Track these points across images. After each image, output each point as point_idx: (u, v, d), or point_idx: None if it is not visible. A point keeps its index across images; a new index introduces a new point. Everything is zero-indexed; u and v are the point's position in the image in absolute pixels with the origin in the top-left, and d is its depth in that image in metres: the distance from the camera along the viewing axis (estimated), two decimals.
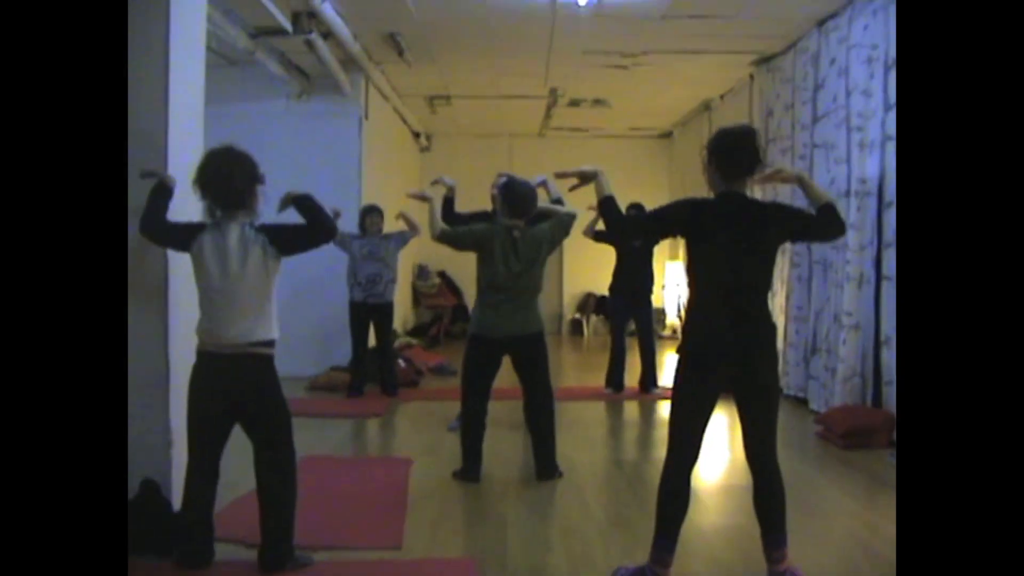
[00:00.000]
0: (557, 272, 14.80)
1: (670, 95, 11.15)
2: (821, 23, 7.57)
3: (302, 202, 3.70)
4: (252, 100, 9.27)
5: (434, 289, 13.60)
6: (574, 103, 11.68)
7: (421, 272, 13.66)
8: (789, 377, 8.00)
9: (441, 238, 5.17)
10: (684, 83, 10.40)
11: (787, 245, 8.19)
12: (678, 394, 3.53)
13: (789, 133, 8.32)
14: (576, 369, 10.87)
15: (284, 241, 3.64)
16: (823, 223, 3.51)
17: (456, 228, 5.30)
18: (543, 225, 5.23)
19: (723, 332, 3.41)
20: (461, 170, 13.52)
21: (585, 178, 3.71)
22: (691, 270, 3.59)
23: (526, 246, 5.12)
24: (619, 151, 14.20)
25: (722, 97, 11.00)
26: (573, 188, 3.82)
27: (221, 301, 3.55)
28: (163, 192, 3.78)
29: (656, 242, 8.31)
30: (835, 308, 7.06)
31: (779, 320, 8.32)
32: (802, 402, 7.66)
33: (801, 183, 3.59)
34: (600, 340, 12.93)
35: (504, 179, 5.45)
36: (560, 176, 3.85)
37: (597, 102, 11.61)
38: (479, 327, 5.20)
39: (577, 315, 14.57)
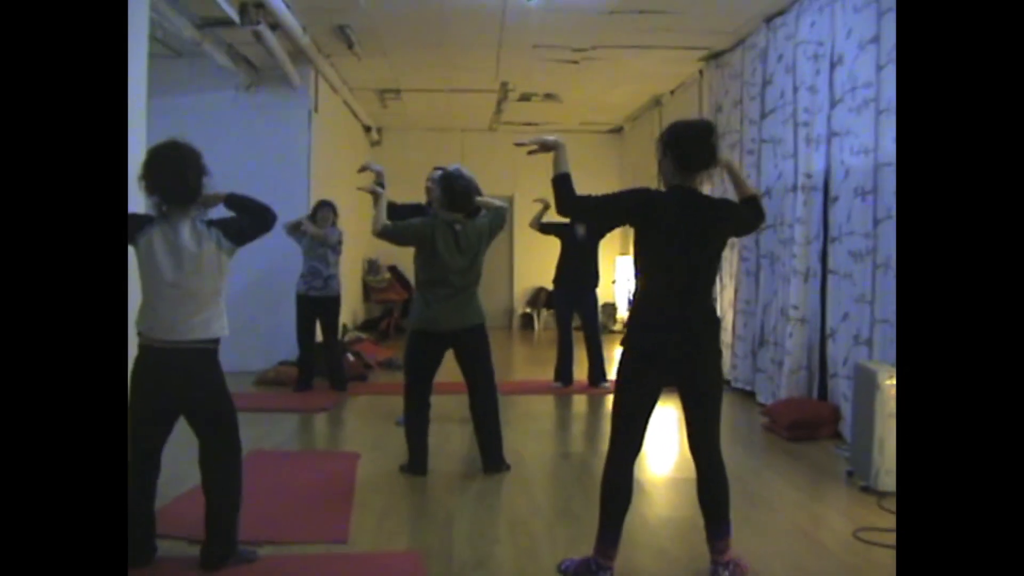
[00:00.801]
0: (507, 266, 14.80)
1: (620, 90, 11.19)
2: (769, 20, 7.64)
3: (231, 201, 3.69)
4: (199, 92, 9.15)
5: (384, 283, 13.54)
6: (525, 97, 11.68)
7: (371, 267, 13.59)
8: (737, 370, 8.08)
9: (383, 234, 5.13)
10: (634, 78, 10.44)
11: (734, 240, 8.29)
12: (621, 387, 3.55)
13: (738, 128, 8.39)
14: (526, 363, 10.89)
15: (236, 232, 3.62)
16: (751, 214, 3.62)
17: (397, 224, 5.24)
18: (481, 218, 5.23)
19: (668, 326, 3.42)
20: (412, 164, 13.46)
21: (545, 147, 3.65)
22: (639, 261, 3.58)
23: (468, 240, 5.12)
24: (570, 146, 13.73)
25: (672, 92, 11.06)
26: (531, 153, 3.73)
27: (175, 297, 3.49)
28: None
29: (605, 230, 8.32)
30: (782, 302, 7.13)
31: (727, 314, 8.41)
32: (749, 395, 7.74)
33: (731, 171, 3.63)
34: (550, 335, 12.89)
35: (440, 172, 5.44)
36: (519, 145, 3.76)
37: (548, 96, 11.62)
38: (421, 322, 5.17)
39: (527, 309, 14.58)
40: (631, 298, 3.62)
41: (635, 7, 7.55)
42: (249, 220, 3.67)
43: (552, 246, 8.49)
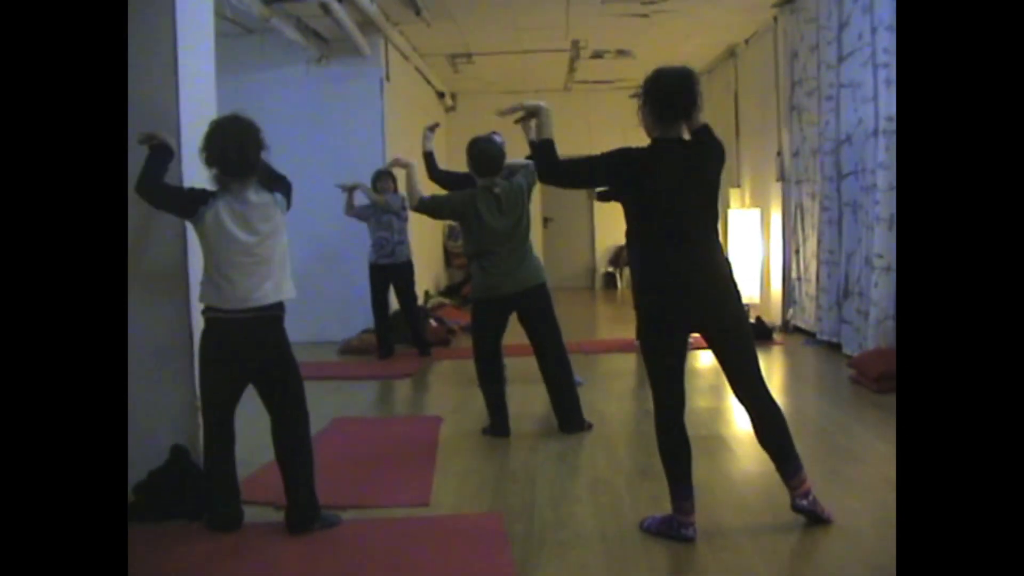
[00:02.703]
0: (588, 226, 14.75)
1: (694, 42, 10.97)
2: None
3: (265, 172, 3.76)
4: (271, 68, 9.26)
5: None
6: (597, 55, 11.54)
7: (451, 232, 13.64)
8: (822, 322, 7.94)
9: (419, 208, 5.17)
10: (707, 29, 10.23)
11: (816, 189, 8.10)
12: (648, 349, 3.55)
13: (815, 74, 8.16)
14: (609, 322, 10.85)
15: (287, 193, 3.76)
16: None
17: (434, 197, 5.27)
18: (518, 178, 5.21)
19: (675, 279, 3.39)
20: (488, 127, 13.45)
21: (529, 113, 3.61)
22: (631, 222, 3.52)
23: (510, 200, 5.12)
24: None
25: (746, 42, 10.81)
26: (518, 121, 3.70)
27: (248, 265, 3.58)
28: (162, 153, 3.75)
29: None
30: (866, 250, 6.95)
31: (811, 265, 8.25)
32: (835, 347, 7.60)
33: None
34: None
35: (432, 131, 5.78)
36: (503, 114, 3.72)
37: (620, 53, 11.46)
38: (482, 290, 5.18)
39: (610, 268, 14.52)
40: (633, 268, 3.56)
41: None
42: (279, 180, 3.77)
43: None
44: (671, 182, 3.37)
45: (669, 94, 3.41)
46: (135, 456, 3.50)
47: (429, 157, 6.11)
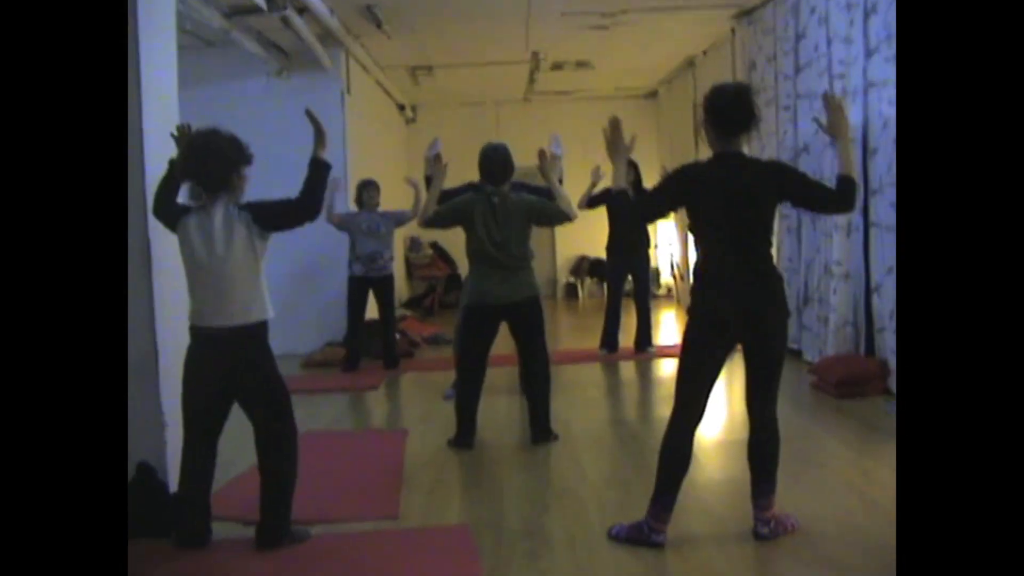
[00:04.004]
0: (549, 236, 14.76)
1: (653, 54, 11.07)
2: None
3: (320, 167, 3.71)
4: (232, 80, 9.21)
5: (427, 260, 13.59)
6: (557, 66, 11.59)
7: (413, 244, 13.64)
8: None
9: (430, 223, 5.21)
10: (666, 41, 10.32)
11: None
12: (688, 355, 3.57)
13: (773, 84, 8.27)
14: (572, 332, 10.87)
15: (267, 218, 3.63)
16: (838, 196, 3.46)
17: (437, 211, 5.23)
18: (531, 198, 5.21)
19: (732, 291, 3.43)
20: (448, 140, 13.29)
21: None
22: (695, 233, 3.61)
23: (506, 212, 5.11)
24: (606, 112, 13.72)
25: (705, 53, 10.92)
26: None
27: (209, 282, 3.56)
28: (175, 177, 3.76)
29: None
30: (825, 258, 7.06)
31: None
32: (796, 353, 7.66)
33: (841, 136, 3.55)
34: (595, 303, 12.95)
35: (438, 148, 5.56)
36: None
37: (580, 64, 11.52)
38: (474, 296, 5.20)
39: (571, 279, 14.56)
40: (694, 269, 3.62)
41: None
42: (292, 207, 3.64)
43: (592, 215, 8.43)
44: (729, 195, 3.42)
45: (729, 109, 3.47)
46: None
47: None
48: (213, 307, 3.55)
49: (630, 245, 8.33)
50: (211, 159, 3.54)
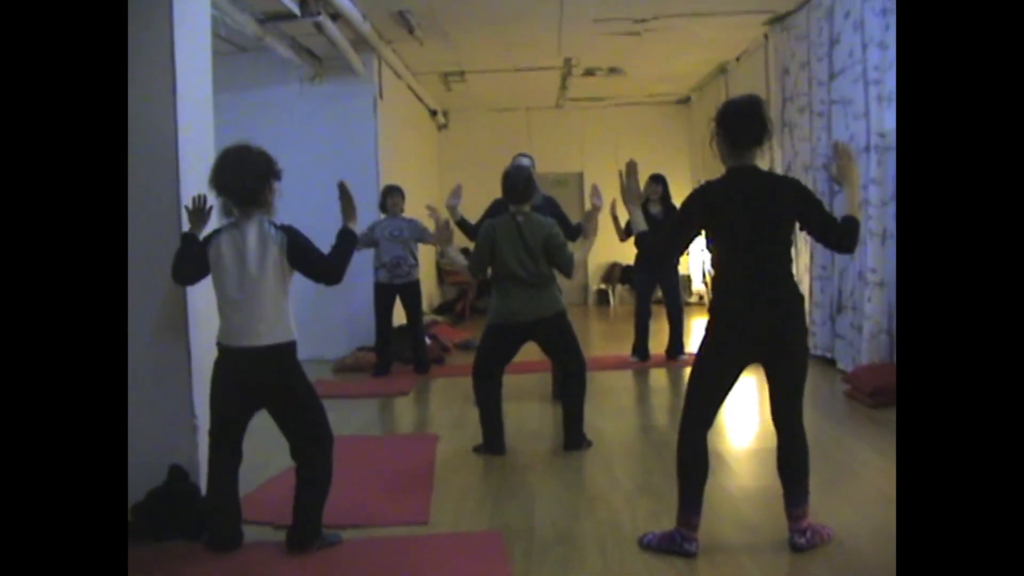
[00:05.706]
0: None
1: (685, 60, 11.04)
2: None
3: (350, 238, 3.75)
4: (265, 86, 9.29)
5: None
6: (589, 72, 11.60)
7: (443, 251, 13.64)
8: (816, 337, 7.94)
9: (476, 273, 5.35)
10: (698, 47, 10.29)
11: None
12: (700, 364, 3.56)
13: (806, 90, 8.22)
14: (603, 339, 10.85)
15: (297, 258, 3.62)
16: (842, 234, 3.46)
17: (470, 259, 5.35)
18: (553, 227, 5.19)
19: (749, 308, 3.42)
20: (480, 145, 13.54)
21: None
22: (713, 250, 3.59)
23: (531, 231, 5.11)
24: (638, 119, 14.11)
25: (738, 59, 10.88)
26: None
27: (238, 303, 3.55)
28: (191, 240, 3.77)
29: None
30: (859, 266, 6.99)
31: (804, 280, 8.27)
32: (830, 362, 7.61)
33: (850, 184, 3.55)
34: (627, 309, 12.89)
35: (459, 198, 5.82)
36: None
37: (612, 70, 11.53)
38: (498, 315, 5.19)
39: (602, 286, 14.53)
40: (712, 285, 3.61)
41: None
42: (318, 264, 3.66)
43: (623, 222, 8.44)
44: (745, 210, 3.40)
45: (741, 123, 3.45)
46: (133, 476, 3.47)
47: (463, 224, 6.26)
48: (243, 327, 3.54)
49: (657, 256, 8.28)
50: (243, 173, 3.54)
